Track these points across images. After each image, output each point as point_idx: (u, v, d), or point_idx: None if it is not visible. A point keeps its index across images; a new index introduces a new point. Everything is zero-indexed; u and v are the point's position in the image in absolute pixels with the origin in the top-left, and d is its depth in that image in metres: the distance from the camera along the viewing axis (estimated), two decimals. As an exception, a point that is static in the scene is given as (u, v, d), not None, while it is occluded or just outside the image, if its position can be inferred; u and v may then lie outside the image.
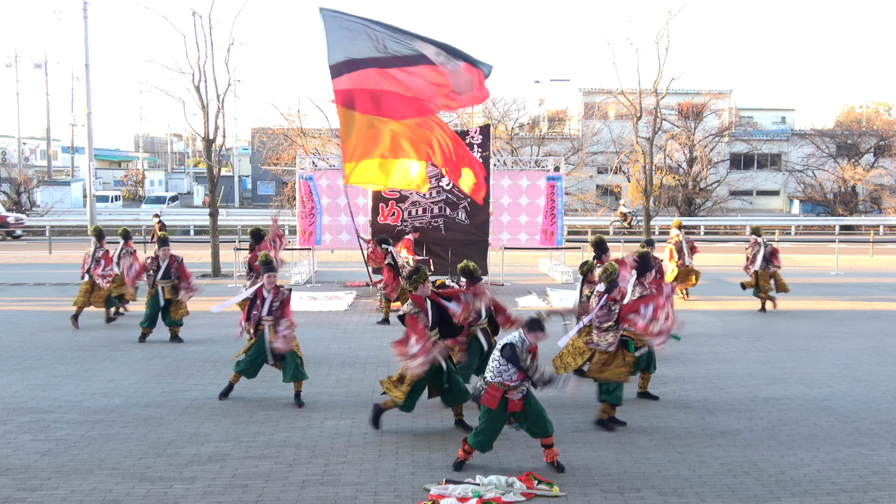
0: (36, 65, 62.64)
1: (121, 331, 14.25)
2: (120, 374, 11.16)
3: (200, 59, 21.48)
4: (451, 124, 45.48)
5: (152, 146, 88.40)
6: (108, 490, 7.07)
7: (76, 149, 66.38)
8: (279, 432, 8.67)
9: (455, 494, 6.84)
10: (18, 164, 56.31)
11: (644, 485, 7.26)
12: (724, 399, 10.04)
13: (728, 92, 54.29)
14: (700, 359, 12.27)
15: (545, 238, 20.92)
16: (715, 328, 14.73)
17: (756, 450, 8.19)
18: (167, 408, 9.53)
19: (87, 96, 37.25)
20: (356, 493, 7.03)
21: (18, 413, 9.29)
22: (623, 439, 8.50)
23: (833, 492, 7.14)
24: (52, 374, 11.13)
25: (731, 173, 51.32)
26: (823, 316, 16.19)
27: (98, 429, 8.74)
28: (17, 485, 7.18)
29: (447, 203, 19.10)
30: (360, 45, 9.54)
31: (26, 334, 13.87)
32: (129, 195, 64.80)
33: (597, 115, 51.02)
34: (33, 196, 45.36)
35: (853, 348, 13.08)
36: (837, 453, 8.12)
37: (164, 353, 12.51)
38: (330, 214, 20.59)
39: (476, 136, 19.23)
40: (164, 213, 43.44)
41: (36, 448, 8.13)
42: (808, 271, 24.00)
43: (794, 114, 62.86)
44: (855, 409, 9.63)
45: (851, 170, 46.73)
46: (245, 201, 61.56)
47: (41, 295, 18.67)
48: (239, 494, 7.01)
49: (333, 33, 9.62)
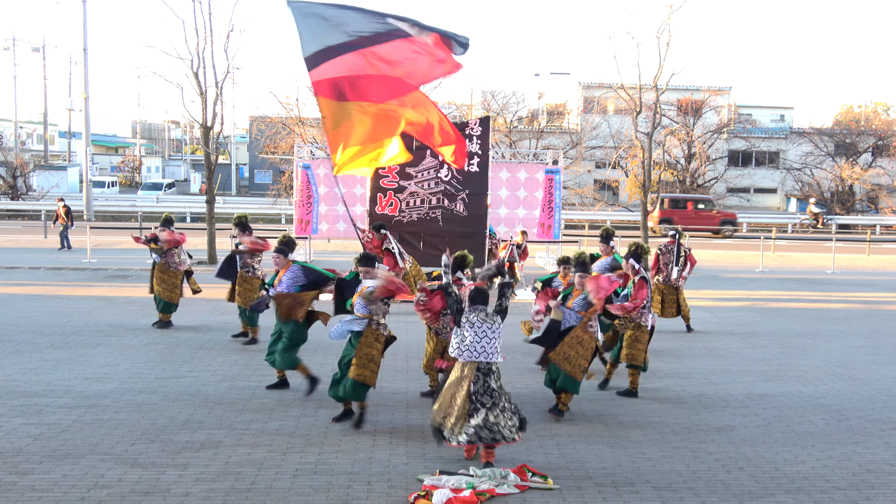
0: (34, 48, 62.31)
1: (115, 316, 14.19)
2: (113, 359, 11.11)
3: (199, 45, 21.37)
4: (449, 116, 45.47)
5: (150, 133, 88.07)
6: (100, 475, 7.03)
7: (73, 134, 66.06)
8: (273, 420, 8.64)
9: (449, 485, 6.81)
10: (15, 148, 56.11)
11: (638, 479, 7.24)
12: (719, 395, 10.03)
13: (727, 89, 54.28)
14: (695, 354, 12.26)
15: (542, 231, 20.88)
16: (711, 324, 14.72)
17: (751, 446, 8.18)
18: (160, 394, 9.49)
19: (84, 81, 37.22)
20: (349, 483, 7.00)
21: (11, 397, 9.24)
22: (618, 433, 8.48)
23: (827, 489, 7.13)
24: (46, 358, 11.08)
25: (728, 170, 51.31)
26: (819, 314, 16.19)
27: (91, 414, 8.70)
28: (9, 468, 7.14)
29: (445, 194, 19.02)
30: (334, 32, 9.26)
31: (20, 318, 13.81)
32: (125, 181, 64.64)
33: (596, 110, 50.93)
34: (29, 180, 45.20)
35: (848, 347, 13.09)
36: (832, 451, 8.11)
37: (158, 339, 12.47)
38: (327, 203, 20.57)
39: (475, 128, 19.16)
40: (161, 200, 43.50)
41: (28, 432, 8.09)
42: (805, 269, 24.03)
43: (793, 112, 62.84)
44: (850, 408, 9.63)
45: (849, 169, 46.73)
46: (242, 189, 61.43)
47: (36, 279, 18.60)
48: (231, 482, 6.98)
49: (304, 23, 9.40)
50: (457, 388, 7.32)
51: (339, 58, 9.30)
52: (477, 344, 7.32)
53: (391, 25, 9.43)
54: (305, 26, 9.37)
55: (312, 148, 21.82)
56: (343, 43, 9.31)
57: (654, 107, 24.58)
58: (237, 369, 10.74)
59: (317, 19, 9.40)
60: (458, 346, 7.39)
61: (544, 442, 8.15)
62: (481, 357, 7.32)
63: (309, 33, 9.36)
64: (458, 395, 7.28)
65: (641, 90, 23.63)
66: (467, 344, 7.32)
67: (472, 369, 7.32)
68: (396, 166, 18.89)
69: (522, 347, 11.10)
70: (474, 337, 7.32)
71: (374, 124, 9.54)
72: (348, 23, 9.36)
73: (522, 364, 11.10)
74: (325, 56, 9.30)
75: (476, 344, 7.32)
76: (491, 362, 7.35)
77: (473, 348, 7.31)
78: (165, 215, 13.59)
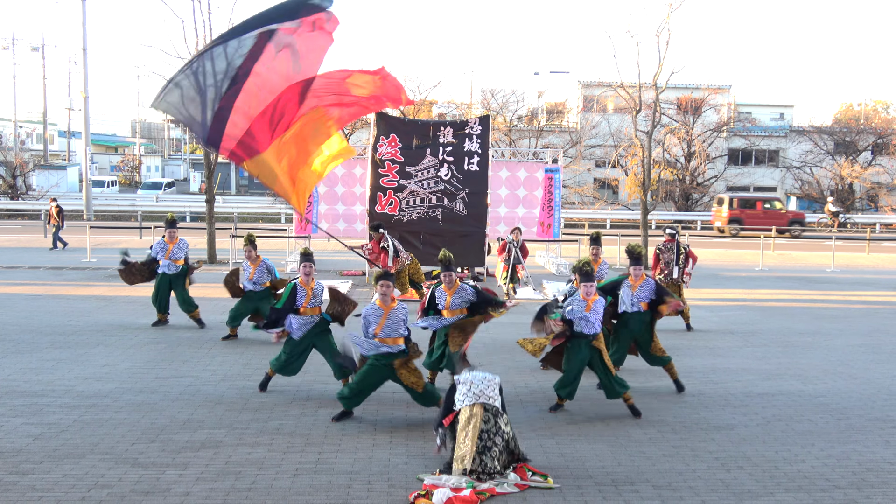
0: (33, 48, 62.40)
1: (115, 316, 14.20)
2: (114, 359, 11.12)
3: (199, 44, 21.36)
4: (449, 115, 45.40)
5: (149, 132, 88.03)
6: (101, 475, 7.04)
7: (73, 133, 66.09)
8: (273, 420, 8.64)
9: (449, 485, 6.81)
10: (14, 147, 56.10)
11: (638, 478, 7.25)
12: (718, 393, 10.04)
13: (727, 87, 54.23)
14: (695, 353, 12.27)
15: (542, 230, 20.92)
16: (710, 323, 14.73)
17: (750, 445, 8.19)
18: (161, 393, 9.50)
19: (84, 80, 37.25)
20: (349, 482, 7.01)
21: (11, 396, 9.24)
22: (617, 432, 8.49)
23: (827, 488, 7.14)
24: (46, 357, 11.09)
25: (728, 169, 51.27)
26: (819, 312, 16.20)
27: (91, 413, 8.70)
28: (9, 468, 7.14)
29: (445, 193, 19.04)
30: (201, 95, 8.39)
31: (21, 318, 13.82)
32: (125, 181, 64.66)
33: (596, 108, 50.92)
34: (29, 180, 45.18)
35: (848, 345, 13.09)
36: (832, 449, 8.11)
37: (158, 338, 12.48)
38: (327, 203, 20.57)
39: (475, 127, 19.19)
40: (161, 199, 43.49)
41: (28, 432, 8.09)
42: (805, 268, 24.04)
43: (793, 110, 62.80)
44: (849, 406, 9.64)
45: (849, 167, 46.74)
46: (242, 188, 61.43)
47: (36, 279, 18.59)
48: (232, 481, 6.98)
49: (181, 112, 8.49)
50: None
51: (229, 114, 8.45)
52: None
53: (249, 35, 8.52)
54: (183, 114, 8.57)
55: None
56: (219, 97, 8.44)
57: (653, 105, 24.58)
58: (237, 369, 10.75)
59: (182, 98, 8.50)
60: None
61: (544, 441, 8.15)
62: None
63: (191, 120, 8.55)
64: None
65: (641, 89, 23.62)
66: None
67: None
68: (396, 165, 18.93)
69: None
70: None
71: (298, 146, 9.10)
72: (207, 72, 8.47)
73: (523, 363, 11.11)
74: (217, 125, 8.45)
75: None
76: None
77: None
78: (170, 216, 13.57)
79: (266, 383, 9.74)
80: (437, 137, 19.05)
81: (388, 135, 19.03)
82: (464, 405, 7.36)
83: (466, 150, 19.05)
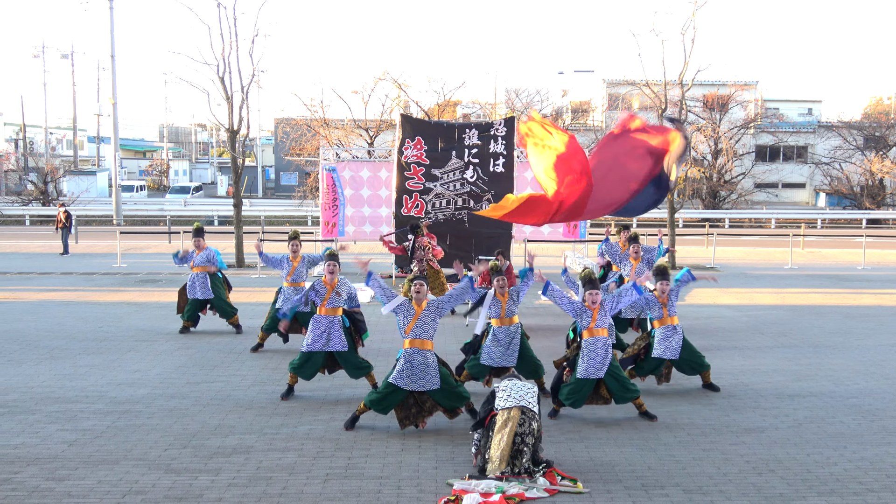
0: (63, 55, 63.27)
1: (146, 321, 14.36)
2: (145, 364, 11.26)
3: (225, 50, 21.57)
4: (474, 116, 45.36)
5: (177, 136, 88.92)
6: (135, 481, 7.14)
7: (102, 139, 66.97)
8: (303, 425, 8.71)
9: (479, 490, 6.83)
10: (45, 153, 56.88)
11: (668, 482, 7.23)
12: (748, 395, 9.96)
13: (754, 83, 53.70)
14: (724, 354, 12.18)
15: (568, 230, 20.82)
16: (739, 323, 14.62)
17: (781, 448, 8.13)
18: (192, 399, 9.61)
19: (112, 87, 37.70)
20: (379, 487, 7.05)
21: (46, 403, 9.39)
22: (647, 435, 8.46)
23: (860, 491, 7.07)
24: (79, 364, 11.25)
25: (756, 165, 50.77)
26: (850, 312, 16.01)
27: (124, 419, 8.82)
28: (45, 474, 7.27)
29: (471, 195, 19.05)
30: None
31: (53, 324, 14.02)
32: (153, 185, 65.34)
33: (621, 107, 50.65)
34: (60, 185, 45.80)
35: (880, 345, 12.93)
36: (864, 452, 8.03)
37: (189, 344, 12.61)
38: (353, 206, 20.64)
39: (500, 128, 19.18)
40: (189, 203, 43.90)
41: (63, 438, 8.22)
42: (835, 266, 23.76)
43: (821, 105, 62.12)
44: (882, 407, 9.52)
45: (879, 162, 46.08)
46: (268, 192, 61.83)
47: (68, 285, 18.85)
48: (263, 487, 7.05)
49: None
50: None
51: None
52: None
53: None
54: None
55: (338, 150, 21.93)
56: None
57: (679, 103, 24.43)
58: (266, 373, 10.84)
59: None
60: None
61: (573, 445, 8.15)
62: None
63: None
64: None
65: (666, 87, 23.47)
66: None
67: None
68: (422, 168, 18.99)
69: (542, 347, 11.07)
70: None
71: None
72: None
73: (549, 368, 11.10)
74: None
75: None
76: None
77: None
78: (196, 225, 13.63)
79: (289, 392, 9.79)
80: (462, 139, 19.06)
81: (413, 137, 19.08)
82: (502, 408, 7.45)
83: (492, 151, 19.05)
